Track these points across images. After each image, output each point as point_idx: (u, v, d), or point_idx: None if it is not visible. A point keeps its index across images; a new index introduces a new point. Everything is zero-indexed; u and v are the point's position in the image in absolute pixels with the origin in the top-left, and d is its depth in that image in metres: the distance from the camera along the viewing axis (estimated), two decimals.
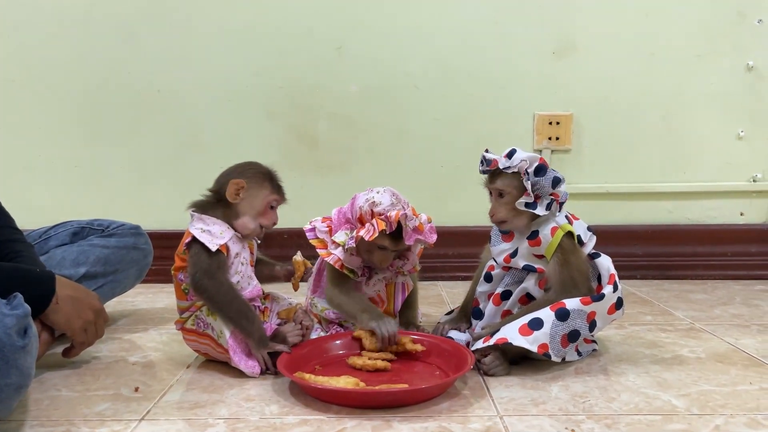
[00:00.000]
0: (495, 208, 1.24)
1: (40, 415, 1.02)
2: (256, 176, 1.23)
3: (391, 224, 1.27)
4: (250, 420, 1.00)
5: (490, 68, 2.02)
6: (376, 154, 2.05)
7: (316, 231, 1.37)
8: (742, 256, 2.05)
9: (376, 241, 1.29)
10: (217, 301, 1.17)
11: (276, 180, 1.26)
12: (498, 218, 1.24)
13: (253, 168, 1.25)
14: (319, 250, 1.35)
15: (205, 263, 1.17)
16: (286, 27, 2.01)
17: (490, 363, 1.17)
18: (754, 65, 2.02)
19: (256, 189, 1.22)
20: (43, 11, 2.00)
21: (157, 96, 2.03)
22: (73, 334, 1.19)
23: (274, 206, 1.26)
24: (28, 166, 2.04)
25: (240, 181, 1.21)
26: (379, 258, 1.32)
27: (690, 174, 2.07)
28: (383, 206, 1.28)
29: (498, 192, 1.24)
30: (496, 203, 1.24)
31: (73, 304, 1.18)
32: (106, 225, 1.55)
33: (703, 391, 1.10)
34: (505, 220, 1.24)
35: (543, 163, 1.21)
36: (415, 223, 1.29)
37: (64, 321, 1.16)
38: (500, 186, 1.23)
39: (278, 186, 1.26)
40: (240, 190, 1.21)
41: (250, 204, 1.22)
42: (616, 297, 1.22)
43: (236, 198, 1.21)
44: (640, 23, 2.01)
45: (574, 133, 2.05)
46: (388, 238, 1.29)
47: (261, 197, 1.23)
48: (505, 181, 1.22)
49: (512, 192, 1.22)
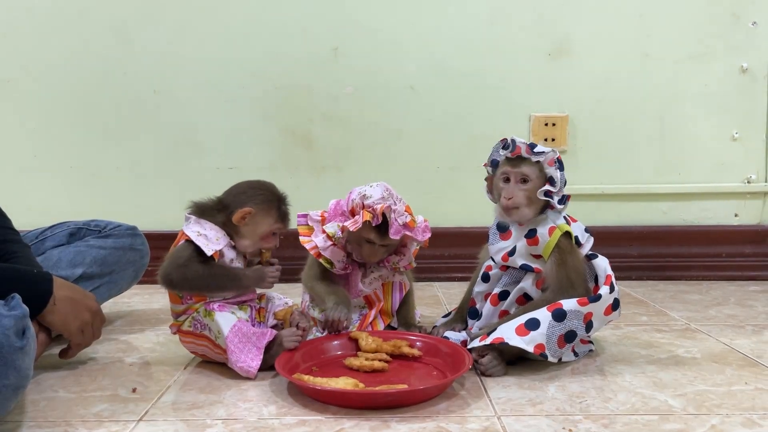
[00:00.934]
0: (514, 192, 1.24)
1: (37, 416, 1.02)
2: (264, 204, 1.23)
3: (377, 216, 1.27)
4: (248, 420, 0.99)
5: (485, 69, 2.03)
6: (371, 155, 2.05)
7: (308, 218, 1.38)
8: (737, 256, 2.07)
9: (363, 234, 1.30)
10: (197, 287, 1.19)
11: (283, 208, 1.25)
12: (515, 202, 1.23)
13: (264, 193, 1.24)
14: (301, 237, 1.36)
15: (183, 260, 1.17)
16: (282, 28, 2.01)
17: (487, 364, 1.17)
18: (748, 67, 2.03)
19: (261, 216, 1.22)
20: (38, 12, 2.00)
21: (153, 96, 2.03)
22: (70, 335, 1.19)
23: (276, 233, 1.26)
24: (23, 166, 2.04)
25: (247, 210, 1.21)
26: (366, 252, 1.33)
27: (684, 175, 2.08)
28: (373, 199, 1.29)
29: (522, 177, 1.24)
30: (515, 188, 1.24)
31: (71, 305, 1.18)
32: (102, 226, 1.55)
33: (699, 391, 1.11)
34: (519, 206, 1.24)
35: (560, 159, 1.25)
36: (405, 219, 1.29)
37: (61, 322, 1.16)
38: (526, 171, 1.23)
39: (284, 214, 1.25)
40: (246, 216, 1.21)
41: (253, 230, 1.23)
42: (612, 298, 1.23)
43: (241, 222, 1.22)
44: (635, 25, 2.02)
45: (569, 134, 2.06)
46: (375, 231, 1.30)
47: (265, 225, 1.23)
48: (530, 167, 1.24)
49: (535, 180, 1.23)
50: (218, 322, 1.18)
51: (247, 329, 1.18)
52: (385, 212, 1.28)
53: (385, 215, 1.29)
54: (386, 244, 1.33)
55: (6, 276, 1.10)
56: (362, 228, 1.30)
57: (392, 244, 1.36)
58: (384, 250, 1.35)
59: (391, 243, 1.34)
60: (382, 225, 1.30)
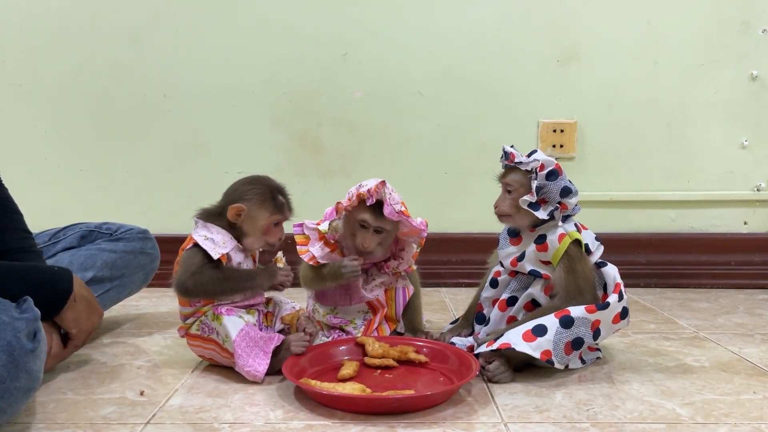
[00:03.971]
0: (499, 201, 1.27)
1: (45, 419, 1.02)
2: (257, 197, 1.23)
3: (371, 195, 1.27)
4: (255, 425, 1.00)
5: (494, 75, 2.03)
6: (379, 160, 2.06)
7: (304, 227, 1.38)
8: (746, 265, 2.06)
9: (357, 215, 1.30)
10: (212, 292, 1.20)
11: (278, 198, 1.24)
12: (500, 211, 1.27)
13: (257, 187, 1.24)
14: (299, 246, 1.36)
15: (195, 267, 1.18)
16: (292, 34, 2.02)
17: (494, 370, 1.17)
18: (758, 75, 2.02)
19: (256, 210, 1.22)
20: (50, 16, 2.01)
21: (163, 101, 2.04)
22: (77, 333, 1.20)
23: (277, 223, 1.26)
24: (33, 169, 2.05)
25: (239, 206, 1.21)
26: (360, 237, 1.31)
27: (693, 182, 2.07)
28: (368, 186, 1.29)
29: (507, 187, 1.26)
30: (502, 196, 1.27)
31: (86, 305, 1.20)
32: (114, 229, 1.55)
33: (707, 400, 1.10)
34: (508, 215, 1.26)
35: (558, 169, 1.22)
36: (400, 208, 1.29)
37: (74, 319, 1.18)
38: (509, 180, 1.25)
39: (280, 205, 1.24)
40: (241, 212, 1.22)
41: (252, 225, 1.23)
42: (621, 306, 1.23)
43: (237, 219, 1.22)
44: (644, 32, 2.02)
45: (578, 141, 2.05)
46: (369, 211, 1.29)
47: (262, 218, 1.23)
48: (515, 176, 1.25)
49: (518, 189, 1.24)
50: (226, 325, 1.18)
51: (254, 333, 1.19)
52: (379, 189, 1.28)
53: (379, 200, 1.28)
54: (380, 227, 1.31)
55: (28, 273, 1.12)
56: (357, 209, 1.30)
57: (387, 231, 1.32)
58: (379, 238, 1.32)
59: (386, 228, 1.31)
60: (377, 206, 1.29)
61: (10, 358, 0.88)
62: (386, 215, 1.28)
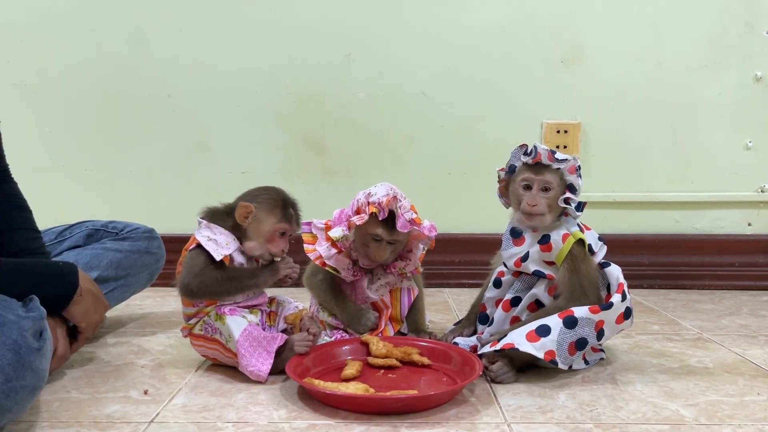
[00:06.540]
0: (537, 200, 1.24)
1: (50, 417, 1.03)
2: (268, 202, 1.23)
3: (383, 209, 1.27)
4: (259, 424, 1.00)
5: (498, 76, 2.03)
6: (383, 161, 2.06)
7: (312, 226, 1.38)
8: (750, 266, 2.05)
9: (369, 230, 1.30)
10: (217, 293, 1.20)
11: (288, 209, 1.24)
12: (539, 210, 1.24)
13: (268, 194, 1.24)
14: (306, 245, 1.36)
15: (198, 268, 1.18)
16: (296, 34, 2.02)
17: (497, 370, 1.17)
18: (762, 76, 2.02)
19: (264, 215, 1.22)
20: (54, 16, 2.02)
21: (167, 101, 2.05)
22: (87, 327, 1.21)
23: (283, 234, 1.25)
24: (38, 169, 2.06)
25: (249, 205, 1.21)
26: (374, 250, 1.32)
27: (697, 184, 2.07)
28: (378, 196, 1.29)
29: (544, 185, 1.24)
30: (538, 196, 1.25)
31: (92, 298, 1.20)
32: (120, 228, 1.56)
33: (711, 402, 1.10)
34: (543, 214, 1.25)
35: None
36: (412, 216, 1.29)
37: (82, 313, 1.18)
38: (549, 179, 1.24)
39: (289, 215, 1.24)
40: (249, 214, 1.22)
41: (257, 229, 1.23)
42: (624, 306, 1.23)
43: (244, 221, 1.22)
44: (648, 33, 2.02)
45: (581, 142, 2.05)
46: (382, 225, 1.29)
47: (269, 224, 1.23)
48: (553, 175, 1.24)
49: (557, 188, 1.24)
50: (229, 325, 1.18)
51: (257, 333, 1.19)
52: (391, 204, 1.28)
53: (391, 211, 1.29)
54: (394, 239, 1.32)
55: (34, 270, 1.13)
56: (369, 223, 1.30)
57: (399, 242, 1.33)
58: (391, 248, 1.33)
59: (399, 239, 1.32)
60: (389, 219, 1.29)
61: (17, 357, 0.88)
62: (399, 229, 1.28)
